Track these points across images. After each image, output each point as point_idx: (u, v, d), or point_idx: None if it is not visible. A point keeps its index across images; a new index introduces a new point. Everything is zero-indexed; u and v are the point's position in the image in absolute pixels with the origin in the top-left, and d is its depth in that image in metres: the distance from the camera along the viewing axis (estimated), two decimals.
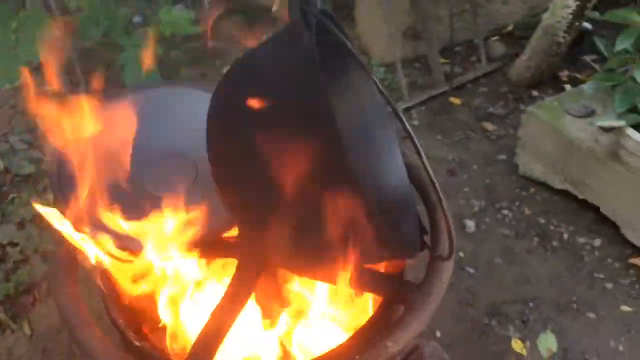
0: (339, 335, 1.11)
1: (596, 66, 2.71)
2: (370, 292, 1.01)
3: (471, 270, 1.95)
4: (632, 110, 1.86)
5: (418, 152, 0.75)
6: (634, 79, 1.85)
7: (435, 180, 0.76)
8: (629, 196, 1.94)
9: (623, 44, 1.85)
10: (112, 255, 0.97)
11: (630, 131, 1.85)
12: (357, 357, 0.84)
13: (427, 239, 1.00)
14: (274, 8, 2.52)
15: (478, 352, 1.75)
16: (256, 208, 0.89)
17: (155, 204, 1.06)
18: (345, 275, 0.91)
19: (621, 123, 1.87)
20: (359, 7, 2.91)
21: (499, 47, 2.85)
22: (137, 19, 2.93)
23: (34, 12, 2.00)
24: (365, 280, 0.96)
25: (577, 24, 2.44)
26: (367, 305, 1.11)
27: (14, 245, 1.99)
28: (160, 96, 1.16)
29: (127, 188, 1.07)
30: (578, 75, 2.68)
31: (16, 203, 2.08)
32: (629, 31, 1.85)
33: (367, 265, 0.97)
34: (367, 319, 0.97)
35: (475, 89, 2.69)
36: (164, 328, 1.18)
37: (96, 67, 2.53)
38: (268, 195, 0.85)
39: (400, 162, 1.08)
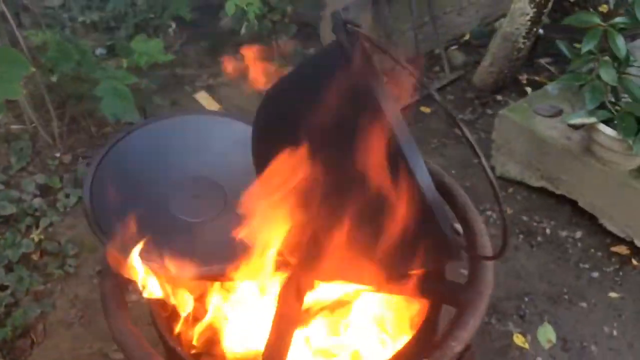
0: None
1: (551, 68, 2.85)
2: (421, 297, 1.04)
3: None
4: (601, 106, 1.96)
5: (477, 156, 0.80)
6: (599, 78, 1.94)
7: (495, 182, 0.81)
8: (605, 188, 2.04)
9: (588, 45, 1.94)
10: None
11: (602, 126, 1.95)
12: (424, 359, 0.86)
13: (461, 240, 1.04)
14: (242, 31, 2.54)
15: (483, 350, 1.80)
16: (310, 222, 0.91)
17: (187, 230, 1.07)
18: (399, 283, 0.94)
19: (592, 119, 1.97)
20: (324, 25, 2.95)
21: (459, 56, 2.96)
22: (99, 51, 2.90)
23: (5, 49, 1.95)
24: (416, 286, 0.99)
25: (534, 29, 2.56)
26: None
27: (4, 288, 1.93)
28: (187, 124, 1.16)
29: (158, 215, 1.08)
30: (537, 78, 2.80)
31: (1, 244, 2.02)
32: (592, 33, 1.94)
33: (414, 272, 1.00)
34: (421, 322, 0.99)
35: (443, 97, 2.77)
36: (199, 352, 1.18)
37: (67, 101, 2.50)
38: (321, 208, 0.88)
39: (426, 170, 1.12)
